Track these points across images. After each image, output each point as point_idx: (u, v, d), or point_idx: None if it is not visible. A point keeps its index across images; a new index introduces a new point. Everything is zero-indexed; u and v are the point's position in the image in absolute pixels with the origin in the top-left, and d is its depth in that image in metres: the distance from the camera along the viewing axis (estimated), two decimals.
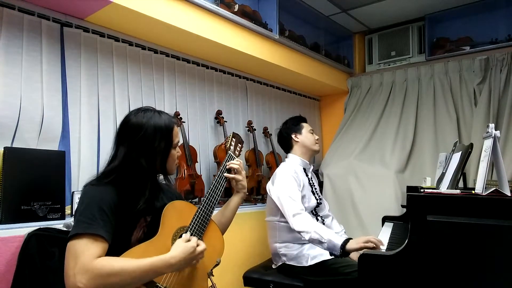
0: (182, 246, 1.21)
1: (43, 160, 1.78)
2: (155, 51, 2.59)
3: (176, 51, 2.71)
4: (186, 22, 2.33)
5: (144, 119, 1.31)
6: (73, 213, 1.22)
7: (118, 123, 2.27)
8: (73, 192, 1.98)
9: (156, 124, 1.31)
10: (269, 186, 2.21)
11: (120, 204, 1.22)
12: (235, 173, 1.56)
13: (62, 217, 1.80)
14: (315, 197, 2.22)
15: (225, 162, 1.57)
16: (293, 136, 2.32)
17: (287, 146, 2.37)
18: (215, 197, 1.44)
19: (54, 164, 1.82)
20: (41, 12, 2.02)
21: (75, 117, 2.13)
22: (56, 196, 1.79)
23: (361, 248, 1.68)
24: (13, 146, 1.85)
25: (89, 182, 1.28)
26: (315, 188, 2.28)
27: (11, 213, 1.65)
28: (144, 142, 1.28)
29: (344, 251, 1.74)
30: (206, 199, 1.42)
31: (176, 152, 1.39)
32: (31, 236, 1.48)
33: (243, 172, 1.58)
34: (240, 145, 1.70)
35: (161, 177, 1.46)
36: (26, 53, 1.95)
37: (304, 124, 2.36)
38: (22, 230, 1.55)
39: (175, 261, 1.17)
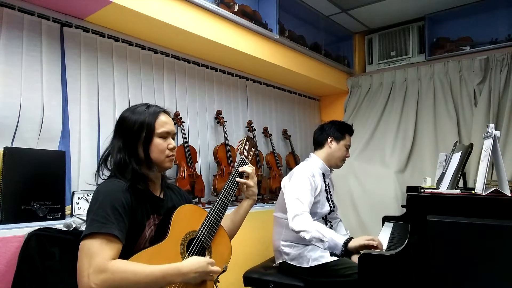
0: (196, 259, 1.23)
1: (43, 160, 1.78)
2: (155, 51, 2.59)
3: (176, 51, 2.71)
4: (186, 22, 2.33)
5: (129, 111, 1.34)
6: (86, 211, 1.21)
7: None
8: (73, 192, 1.98)
9: (140, 112, 1.31)
10: (284, 182, 2.17)
11: (132, 201, 1.23)
12: (246, 178, 1.53)
13: (62, 217, 1.80)
14: (329, 204, 2.20)
15: (237, 167, 1.53)
16: (329, 139, 2.24)
17: (318, 143, 2.30)
18: (226, 202, 1.43)
19: (54, 164, 1.82)
20: (41, 12, 2.02)
21: (75, 117, 2.13)
22: (56, 196, 1.79)
23: (364, 245, 1.67)
24: (13, 146, 1.85)
25: (103, 180, 1.29)
26: (331, 195, 2.26)
27: (11, 213, 1.65)
28: (126, 129, 1.30)
29: (346, 250, 1.73)
30: (217, 204, 1.40)
31: (167, 144, 1.32)
32: (31, 236, 1.48)
33: (255, 179, 1.55)
34: (253, 149, 1.65)
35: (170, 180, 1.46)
36: (26, 53, 1.95)
37: (347, 137, 2.27)
38: (22, 230, 1.55)
39: (185, 270, 1.18)
